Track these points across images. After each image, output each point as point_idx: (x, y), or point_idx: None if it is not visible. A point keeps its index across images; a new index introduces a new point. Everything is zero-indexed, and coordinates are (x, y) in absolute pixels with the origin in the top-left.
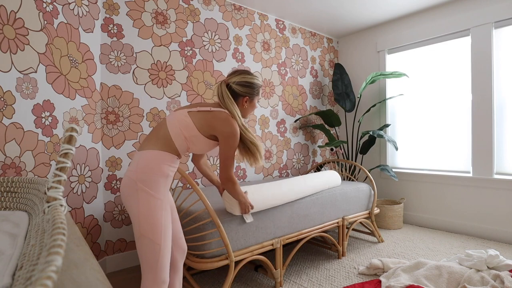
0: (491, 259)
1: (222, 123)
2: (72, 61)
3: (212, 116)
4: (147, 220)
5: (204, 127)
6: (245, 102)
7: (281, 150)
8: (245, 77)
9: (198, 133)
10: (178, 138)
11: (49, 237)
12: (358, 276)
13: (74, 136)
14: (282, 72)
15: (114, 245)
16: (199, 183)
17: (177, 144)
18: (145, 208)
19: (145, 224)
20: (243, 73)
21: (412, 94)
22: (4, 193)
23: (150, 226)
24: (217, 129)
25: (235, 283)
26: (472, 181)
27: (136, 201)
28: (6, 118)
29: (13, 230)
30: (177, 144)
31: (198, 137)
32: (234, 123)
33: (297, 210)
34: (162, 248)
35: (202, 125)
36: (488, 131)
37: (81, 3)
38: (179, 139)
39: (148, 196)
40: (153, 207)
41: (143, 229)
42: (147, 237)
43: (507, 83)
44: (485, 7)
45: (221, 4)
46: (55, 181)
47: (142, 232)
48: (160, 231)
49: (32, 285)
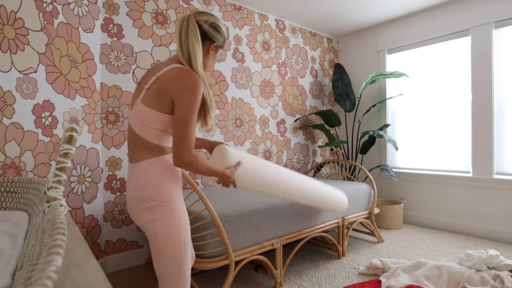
0: (491, 259)
1: (175, 78)
2: (72, 61)
3: (160, 81)
4: (165, 237)
5: (163, 103)
6: (211, 50)
7: (281, 150)
8: (217, 20)
9: (164, 115)
10: (154, 136)
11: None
12: (358, 276)
13: (74, 136)
14: (282, 72)
15: (114, 245)
16: (199, 183)
17: (160, 142)
18: (161, 224)
19: (163, 242)
20: (213, 15)
21: (412, 94)
22: (4, 193)
23: (169, 243)
24: (169, 89)
25: (235, 283)
26: (472, 181)
27: (150, 218)
28: (6, 118)
29: (13, 230)
30: (160, 143)
31: (168, 119)
32: (193, 74)
33: (297, 210)
34: (183, 264)
35: (159, 101)
36: (488, 131)
37: (81, 3)
38: (156, 136)
39: (165, 211)
40: (172, 221)
41: (161, 246)
42: (166, 254)
43: (507, 83)
44: (485, 7)
45: (221, 4)
46: (55, 181)
47: (160, 249)
48: (180, 245)
49: (32, 285)
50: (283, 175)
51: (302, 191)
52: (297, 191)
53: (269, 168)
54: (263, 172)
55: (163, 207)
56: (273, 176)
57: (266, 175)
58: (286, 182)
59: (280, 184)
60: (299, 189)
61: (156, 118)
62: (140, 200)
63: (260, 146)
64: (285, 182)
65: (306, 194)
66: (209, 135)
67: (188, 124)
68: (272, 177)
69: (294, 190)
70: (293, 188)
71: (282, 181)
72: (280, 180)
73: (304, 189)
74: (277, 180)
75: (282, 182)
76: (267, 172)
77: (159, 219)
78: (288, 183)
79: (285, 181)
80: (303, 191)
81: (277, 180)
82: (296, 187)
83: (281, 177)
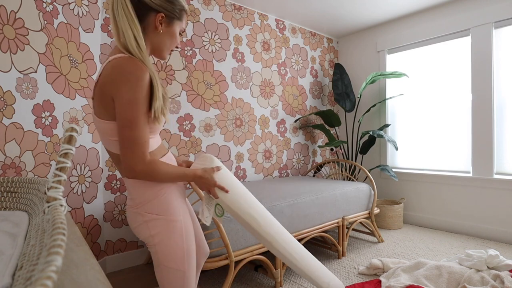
0: (491, 259)
1: (110, 73)
2: (72, 61)
3: (99, 84)
4: (166, 251)
5: (108, 108)
6: (159, 23)
7: (281, 150)
8: None
9: (114, 123)
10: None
11: (49, 237)
12: (358, 276)
13: (74, 136)
14: (282, 72)
15: (114, 245)
16: None
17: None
18: (161, 238)
19: (164, 256)
20: None
21: (412, 94)
22: (4, 193)
23: (171, 256)
24: (107, 89)
25: (235, 283)
26: (472, 181)
27: (149, 233)
28: (6, 118)
29: (13, 230)
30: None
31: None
32: (129, 61)
33: (297, 210)
34: (187, 275)
35: (105, 109)
36: (488, 131)
37: (81, 3)
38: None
39: (163, 223)
40: (172, 233)
41: (163, 259)
42: (167, 266)
43: (507, 83)
44: (485, 7)
45: (221, 4)
46: (55, 181)
47: (161, 261)
48: (183, 256)
49: (32, 285)
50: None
51: (288, 239)
52: (283, 236)
53: (250, 197)
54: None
55: (161, 220)
56: (256, 204)
57: (250, 198)
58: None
59: (266, 218)
60: (285, 236)
61: (111, 129)
62: (137, 213)
63: (260, 146)
64: (271, 220)
65: (292, 245)
66: (209, 135)
67: (133, 125)
68: (255, 204)
69: (280, 234)
70: (279, 232)
71: (268, 218)
72: (265, 215)
73: (290, 240)
74: (263, 212)
75: (268, 218)
76: (249, 197)
77: (158, 233)
78: (275, 224)
79: (271, 220)
80: (289, 240)
81: (263, 212)
82: (282, 233)
83: (267, 215)
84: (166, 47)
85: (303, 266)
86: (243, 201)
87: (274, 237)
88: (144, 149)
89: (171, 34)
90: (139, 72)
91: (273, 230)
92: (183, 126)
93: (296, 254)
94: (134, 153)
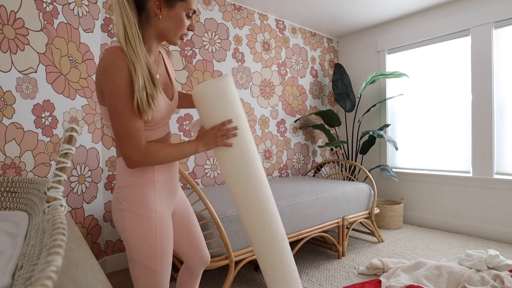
0: (491, 259)
1: (99, 64)
2: (72, 61)
3: (96, 72)
4: (137, 245)
5: (103, 95)
6: (157, 8)
7: (281, 150)
8: None
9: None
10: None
11: (49, 237)
12: (358, 276)
13: (74, 136)
14: (282, 72)
15: (114, 245)
16: (199, 183)
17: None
18: (132, 232)
19: (134, 250)
20: None
21: (412, 94)
22: (4, 193)
23: (141, 252)
24: (97, 78)
25: (235, 283)
26: (472, 181)
27: (122, 224)
28: (6, 118)
29: (13, 230)
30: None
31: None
32: (110, 52)
33: (297, 210)
34: (159, 275)
35: (101, 94)
36: (488, 131)
37: (81, 3)
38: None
39: (135, 217)
40: (143, 230)
41: (134, 254)
42: (139, 262)
43: (507, 83)
44: (485, 7)
45: (221, 4)
46: (55, 181)
47: (133, 256)
48: (155, 256)
49: (32, 285)
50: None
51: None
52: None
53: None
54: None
55: (133, 214)
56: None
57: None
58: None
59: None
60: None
61: (105, 114)
62: (115, 199)
63: (260, 146)
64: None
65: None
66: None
67: (119, 114)
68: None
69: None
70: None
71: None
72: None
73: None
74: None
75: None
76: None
77: (129, 226)
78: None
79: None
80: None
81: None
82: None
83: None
84: (172, 32)
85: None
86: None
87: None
88: (137, 137)
89: (175, 17)
90: (116, 62)
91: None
92: (183, 126)
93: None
94: (128, 144)
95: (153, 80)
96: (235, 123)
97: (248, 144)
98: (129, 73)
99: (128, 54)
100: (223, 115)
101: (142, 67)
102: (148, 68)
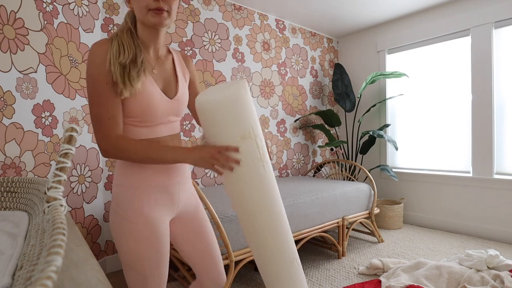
0: (491, 259)
1: None
2: (72, 61)
3: None
4: (123, 250)
5: None
6: (127, 2)
7: (281, 150)
8: None
9: None
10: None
11: (49, 237)
12: (358, 276)
13: (74, 136)
14: (282, 72)
15: (114, 245)
16: (199, 183)
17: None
18: (118, 234)
19: (122, 253)
20: None
21: (412, 94)
22: (4, 193)
23: (129, 257)
24: None
25: (235, 283)
26: (472, 181)
27: (112, 221)
28: (6, 118)
29: (13, 230)
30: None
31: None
32: (99, 40)
33: (297, 210)
34: (149, 281)
35: None
36: (488, 131)
37: (81, 3)
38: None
39: (119, 219)
40: (127, 233)
41: (123, 257)
42: (130, 266)
43: (507, 83)
44: (485, 7)
45: (221, 4)
46: (55, 181)
47: (123, 260)
48: (143, 261)
49: (32, 285)
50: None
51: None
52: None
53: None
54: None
55: (118, 215)
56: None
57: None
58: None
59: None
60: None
61: None
62: (112, 197)
63: None
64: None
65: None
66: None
67: (94, 101)
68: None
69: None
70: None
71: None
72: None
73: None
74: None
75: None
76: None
77: (115, 228)
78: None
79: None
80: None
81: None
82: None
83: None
84: (140, 12)
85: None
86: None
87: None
88: (107, 125)
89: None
90: (95, 48)
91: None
92: (183, 126)
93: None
94: (98, 131)
95: (135, 59)
96: (246, 145)
97: (261, 173)
98: (105, 59)
99: (112, 36)
100: (229, 135)
101: (123, 45)
102: (134, 50)
